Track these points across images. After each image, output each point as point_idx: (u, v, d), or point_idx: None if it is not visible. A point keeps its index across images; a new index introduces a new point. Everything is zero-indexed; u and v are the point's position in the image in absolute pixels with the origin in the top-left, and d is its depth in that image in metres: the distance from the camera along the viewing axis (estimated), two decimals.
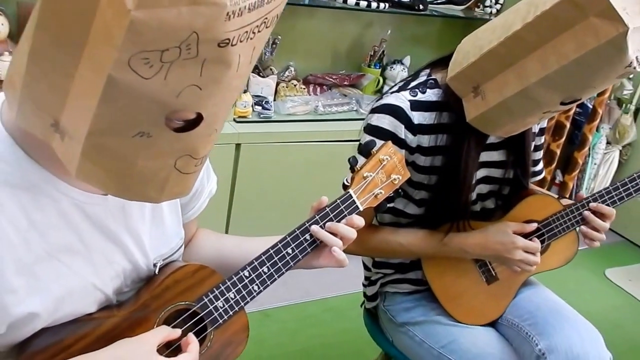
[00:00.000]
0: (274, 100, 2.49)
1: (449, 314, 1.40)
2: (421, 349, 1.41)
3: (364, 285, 1.56)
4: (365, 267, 1.54)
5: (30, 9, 0.67)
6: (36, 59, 0.66)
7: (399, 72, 2.81)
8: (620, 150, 3.32)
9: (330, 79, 2.65)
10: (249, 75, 0.72)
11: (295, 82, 2.57)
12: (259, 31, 0.65)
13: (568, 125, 2.91)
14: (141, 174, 0.71)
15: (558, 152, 2.94)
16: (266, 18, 0.65)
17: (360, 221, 1.04)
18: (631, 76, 3.26)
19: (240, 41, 0.62)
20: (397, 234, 1.35)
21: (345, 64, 2.79)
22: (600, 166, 3.28)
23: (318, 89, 2.65)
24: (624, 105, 3.27)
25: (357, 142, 1.23)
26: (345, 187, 1.25)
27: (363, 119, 2.59)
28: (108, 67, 0.60)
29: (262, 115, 2.36)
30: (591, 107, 3.02)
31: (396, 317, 1.45)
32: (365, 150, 1.10)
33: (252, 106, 2.33)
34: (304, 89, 2.59)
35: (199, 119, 0.68)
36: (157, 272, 0.97)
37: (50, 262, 0.82)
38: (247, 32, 0.62)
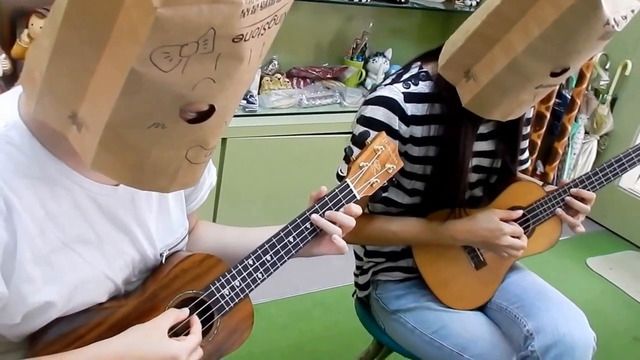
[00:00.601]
0: (259, 94, 2.51)
1: (439, 300, 1.43)
2: (413, 335, 1.44)
3: (356, 275, 1.59)
4: (357, 257, 1.56)
5: (13, 6, 0.70)
6: (59, 55, 0.69)
7: (381, 65, 2.83)
8: (598, 140, 3.39)
9: (314, 72, 2.67)
10: (257, 70, 0.75)
11: (279, 75, 2.59)
12: (269, 27, 0.69)
13: (548, 115, 2.97)
14: (154, 164, 0.74)
15: (539, 142, 3.00)
16: (276, 15, 0.69)
17: (358, 209, 1.06)
18: (607, 67, 3.33)
19: (252, 37, 0.66)
20: (389, 223, 1.38)
21: (328, 57, 2.81)
22: (580, 156, 3.34)
23: (302, 82, 2.67)
24: (600, 95, 3.33)
25: (341, 135, 1.25)
26: (339, 177, 1.27)
27: (346, 112, 2.65)
28: (131, 61, 0.63)
29: (247, 109, 2.38)
30: (570, 97, 3.08)
31: (388, 304, 1.48)
32: (360, 141, 1.12)
33: None
34: (288, 82, 2.61)
35: (211, 110, 0.72)
36: (163, 261, 0.99)
37: (65, 252, 0.84)
38: (258, 28, 0.66)
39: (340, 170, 1.30)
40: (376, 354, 1.75)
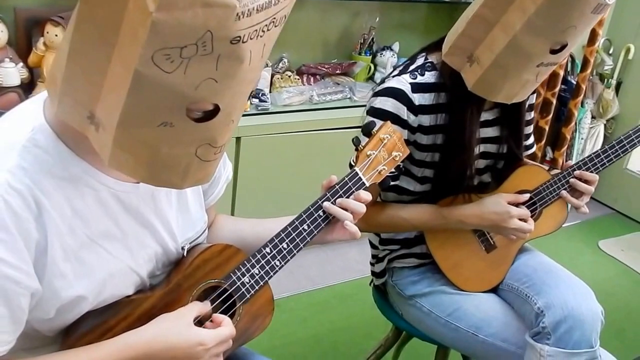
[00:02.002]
0: (270, 92, 2.56)
1: (452, 283, 1.48)
2: (429, 319, 1.49)
3: (372, 264, 1.64)
4: (372, 246, 1.61)
5: (28, 15, 0.76)
6: (75, 58, 0.73)
7: (389, 58, 2.87)
8: (605, 124, 3.41)
9: (323, 69, 2.72)
10: (262, 69, 0.79)
11: (289, 73, 2.64)
12: (268, 29, 0.71)
13: (554, 102, 3.01)
14: (165, 161, 0.77)
15: (547, 128, 3.04)
16: (274, 18, 0.72)
17: (367, 196, 1.11)
18: (610, 51, 3.35)
19: (251, 38, 0.69)
20: (400, 210, 1.43)
21: (336, 53, 2.85)
22: (587, 140, 3.38)
23: (312, 79, 2.71)
24: (605, 80, 3.36)
25: (352, 129, 1.29)
26: (351, 166, 1.33)
27: (357, 106, 2.70)
28: (135, 62, 0.67)
29: (259, 108, 2.43)
30: (575, 83, 3.12)
31: (404, 290, 1.53)
32: (367, 131, 1.17)
33: (250, 99, 2.40)
34: (298, 79, 2.65)
35: (216, 109, 0.75)
36: (185, 254, 1.04)
37: (93, 247, 0.88)
38: (256, 30, 0.69)
39: (352, 160, 1.36)
40: (395, 341, 1.79)
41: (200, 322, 0.99)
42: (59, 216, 0.83)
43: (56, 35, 1.97)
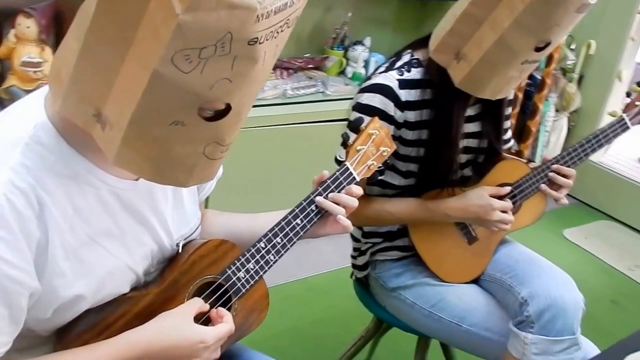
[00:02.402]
0: None
1: (435, 275, 1.51)
2: (413, 310, 1.52)
3: (353, 257, 1.65)
4: (354, 239, 1.63)
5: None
6: (87, 56, 0.72)
7: (360, 53, 2.90)
8: (568, 117, 3.52)
9: (296, 63, 2.73)
10: (271, 69, 0.80)
11: None
12: (281, 30, 0.73)
13: (520, 96, 3.09)
14: (174, 159, 0.77)
15: (513, 122, 3.12)
16: (288, 19, 0.73)
17: (359, 190, 1.13)
18: (572, 47, 3.45)
19: (267, 40, 0.70)
20: (386, 203, 1.45)
21: (309, 47, 2.87)
22: (552, 133, 3.47)
23: (285, 73, 2.71)
24: (568, 74, 3.46)
25: (325, 123, 1.30)
26: (338, 162, 1.34)
27: (329, 100, 2.71)
28: (154, 62, 0.67)
29: None
30: (540, 78, 3.20)
31: (387, 283, 1.56)
32: (355, 127, 1.19)
33: None
34: (272, 73, 2.65)
35: (227, 109, 0.75)
36: (180, 251, 1.03)
37: (92, 246, 0.88)
38: (272, 31, 0.70)
39: (339, 156, 1.37)
40: (376, 332, 1.82)
41: (198, 317, 0.99)
42: (61, 214, 0.82)
43: (28, 27, 1.93)
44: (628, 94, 3.60)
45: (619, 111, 3.41)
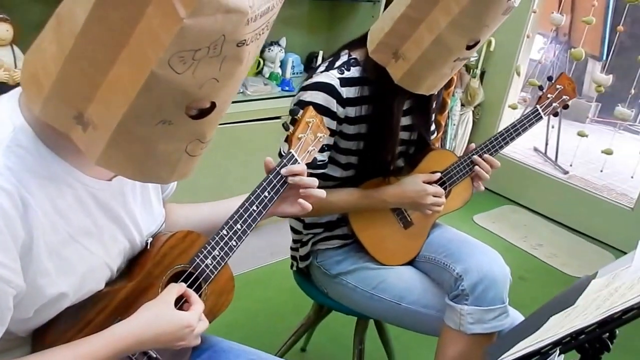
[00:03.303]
0: None
1: (375, 259, 1.62)
2: (355, 293, 1.62)
3: (294, 249, 1.73)
4: (295, 231, 1.70)
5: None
6: (74, 59, 0.74)
7: (277, 53, 2.97)
8: (473, 111, 3.76)
9: None
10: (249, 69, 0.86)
11: None
12: (262, 33, 0.78)
13: None
14: (158, 157, 0.81)
15: None
16: (268, 22, 0.78)
17: (303, 167, 1.21)
18: None
19: (252, 41, 0.76)
20: (328, 195, 1.52)
21: None
22: (459, 126, 3.70)
23: None
24: (471, 70, 3.70)
25: (246, 122, 1.33)
26: (281, 155, 1.41)
27: (249, 100, 2.75)
28: (152, 64, 0.70)
29: None
30: None
31: (330, 270, 1.65)
32: (292, 117, 1.27)
33: None
34: None
35: (212, 107, 0.80)
36: (149, 247, 1.07)
37: (73, 244, 0.90)
38: (257, 33, 0.76)
39: (283, 150, 1.45)
40: (317, 319, 1.91)
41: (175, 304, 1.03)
42: (43, 214, 0.84)
43: (7, 31, 1.90)
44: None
45: (518, 104, 3.71)
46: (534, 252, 3.21)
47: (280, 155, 1.45)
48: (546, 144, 4.65)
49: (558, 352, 0.87)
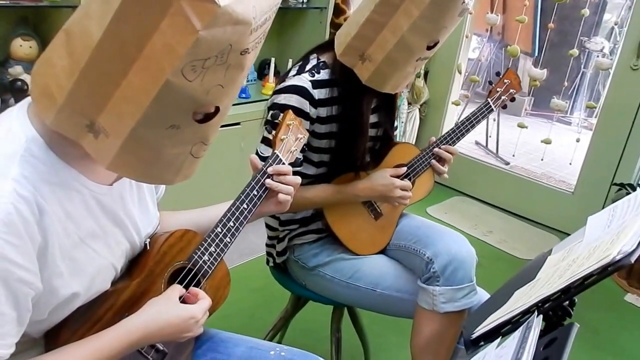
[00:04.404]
0: None
1: (349, 250, 1.71)
2: (332, 284, 1.71)
3: (271, 246, 1.80)
4: (271, 229, 1.77)
5: None
6: (88, 72, 0.79)
7: None
8: (419, 108, 3.93)
9: None
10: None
11: None
12: (260, 41, 0.86)
13: None
14: (165, 160, 0.87)
15: None
16: (265, 31, 0.86)
17: (289, 168, 1.29)
18: None
19: (252, 50, 0.83)
20: (303, 191, 1.62)
21: None
22: (407, 124, 3.86)
23: None
24: None
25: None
26: (262, 157, 1.49)
27: None
28: (167, 73, 0.76)
29: None
30: None
31: (307, 263, 1.73)
32: (272, 121, 1.35)
33: None
34: None
35: (216, 111, 0.86)
36: (148, 247, 1.13)
37: (82, 247, 0.95)
38: (256, 42, 0.83)
39: (261, 152, 1.53)
40: (294, 311, 1.99)
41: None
42: (56, 219, 0.89)
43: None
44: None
45: (460, 100, 3.89)
46: (485, 239, 3.39)
47: (260, 156, 1.52)
48: (487, 138, 4.89)
49: (536, 313, 0.97)
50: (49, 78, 0.83)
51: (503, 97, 1.83)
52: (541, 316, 0.95)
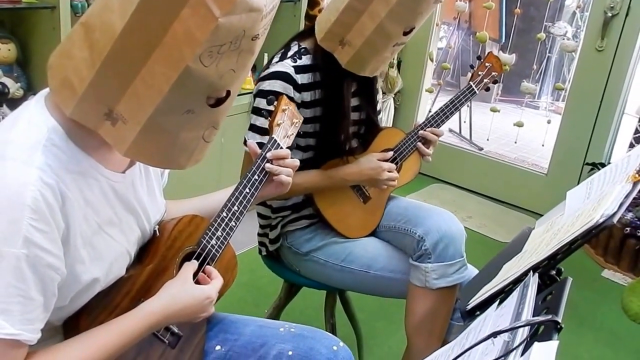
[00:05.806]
0: None
1: (341, 234, 1.76)
2: (326, 268, 1.75)
3: (263, 234, 1.83)
4: (263, 217, 1.81)
5: None
6: (111, 62, 0.82)
7: None
8: (394, 98, 3.99)
9: None
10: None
11: None
12: (267, 28, 0.90)
13: None
14: (180, 144, 0.90)
15: None
16: (271, 19, 0.90)
17: (287, 151, 1.33)
18: None
19: (262, 35, 0.88)
20: (295, 177, 1.64)
21: None
22: (382, 112, 3.91)
23: None
24: None
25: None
26: (246, 143, 1.50)
27: None
28: (186, 60, 0.79)
29: None
30: None
31: (300, 248, 1.77)
32: (269, 107, 1.38)
33: None
34: None
35: (227, 95, 0.90)
36: (157, 234, 1.16)
37: (101, 234, 0.99)
38: (265, 29, 0.88)
39: (249, 139, 1.56)
40: (287, 298, 2.02)
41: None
42: (77, 207, 0.92)
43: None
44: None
45: (433, 87, 3.96)
46: (465, 224, 3.39)
47: (245, 143, 1.55)
48: (460, 125, 4.98)
49: (532, 273, 1.02)
50: (68, 70, 0.86)
51: (485, 80, 1.88)
52: (537, 274, 1.01)
